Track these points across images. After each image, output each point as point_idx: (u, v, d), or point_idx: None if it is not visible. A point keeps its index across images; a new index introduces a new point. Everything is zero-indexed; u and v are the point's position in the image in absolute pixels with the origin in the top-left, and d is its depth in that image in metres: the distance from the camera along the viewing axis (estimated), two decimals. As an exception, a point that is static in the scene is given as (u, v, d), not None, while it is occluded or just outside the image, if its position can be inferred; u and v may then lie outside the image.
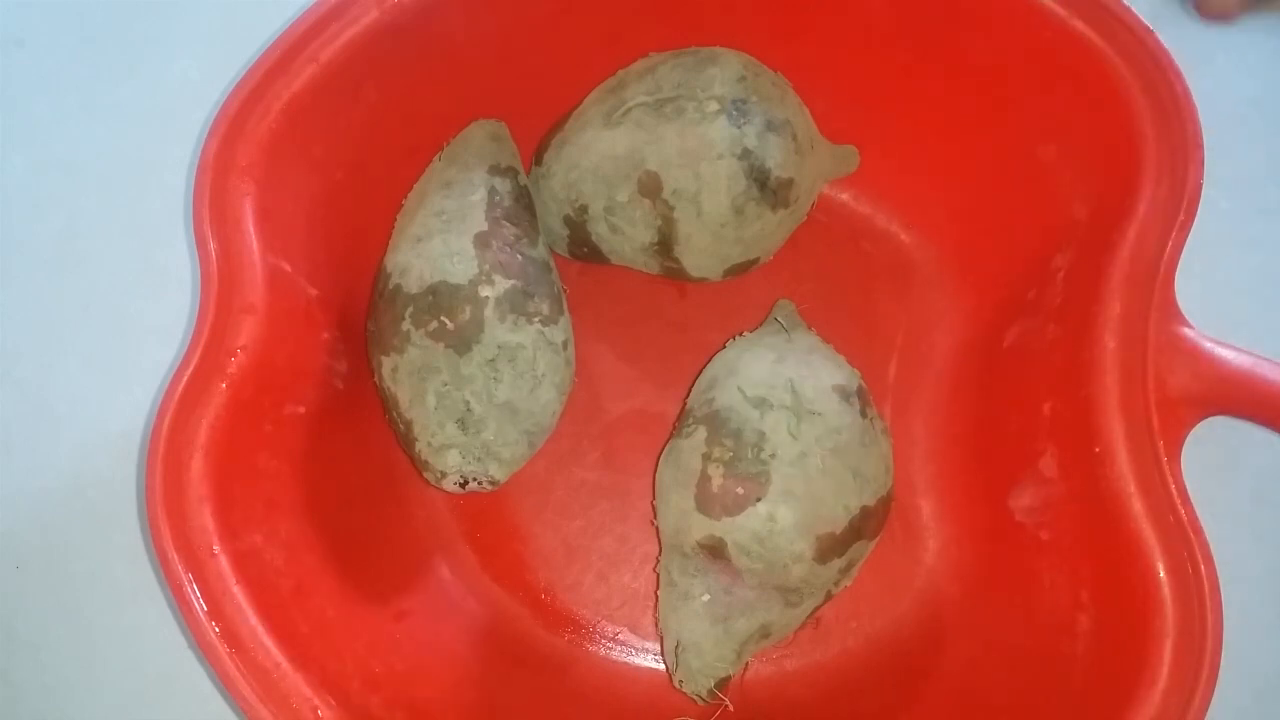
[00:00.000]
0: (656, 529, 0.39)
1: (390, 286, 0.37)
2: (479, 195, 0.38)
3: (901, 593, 0.41)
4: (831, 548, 0.35)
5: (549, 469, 0.42)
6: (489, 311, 0.35)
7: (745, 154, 0.37)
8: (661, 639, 0.38)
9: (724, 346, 0.40)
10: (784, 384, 0.37)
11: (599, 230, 0.40)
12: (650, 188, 0.38)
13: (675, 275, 0.41)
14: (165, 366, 0.43)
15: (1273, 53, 0.47)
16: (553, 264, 0.39)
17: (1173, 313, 0.34)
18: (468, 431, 0.36)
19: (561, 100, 0.41)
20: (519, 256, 0.37)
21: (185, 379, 0.32)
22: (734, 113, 0.37)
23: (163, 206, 0.45)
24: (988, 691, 0.37)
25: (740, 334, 0.41)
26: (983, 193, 0.41)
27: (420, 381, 0.36)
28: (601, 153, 0.39)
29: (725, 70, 0.38)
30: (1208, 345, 0.34)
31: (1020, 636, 0.37)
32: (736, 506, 0.35)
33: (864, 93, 0.41)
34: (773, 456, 0.35)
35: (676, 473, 0.37)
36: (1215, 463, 0.42)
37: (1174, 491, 0.33)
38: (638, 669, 0.41)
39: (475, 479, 0.36)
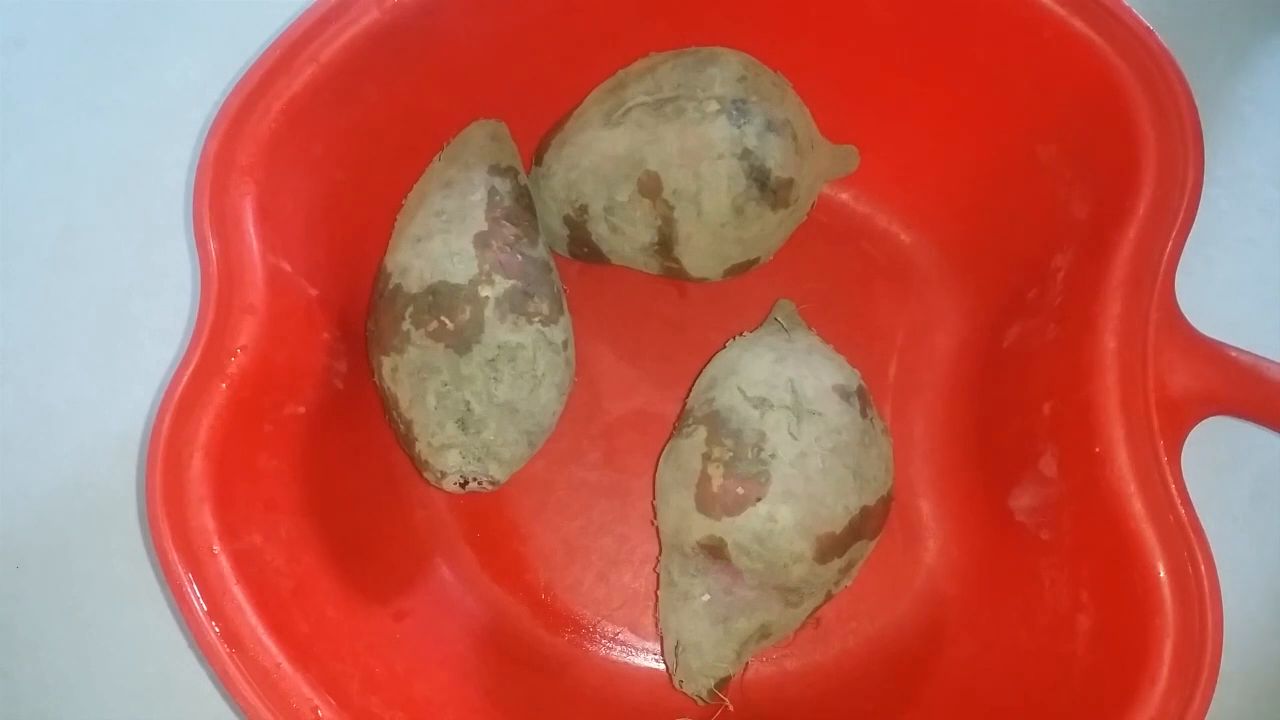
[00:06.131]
0: (656, 529, 0.39)
1: (390, 286, 0.37)
2: (479, 195, 0.38)
3: (901, 593, 0.41)
4: (831, 548, 0.35)
5: (549, 469, 0.42)
6: (489, 311, 0.35)
7: (745, 154, 0.37)
8: (661, 639, 0.38)
9: (724, 346, 0.40)
10: (784, 384, 0.37)
11: (599, 230, 0.40)
12: (650, 188, 0.38)
13: (675, 275, 0.41)
14: (165, 366, 0.43)
15: (1273, 53, 0.47)
16: (553, 264, 0.39)
17: (1173, 313, 0.34)
18: (468, 431, 0.36)
19: (561, 100, 0.41)
20: (519, 256, 0.37)
21: (185, 379, 0.32)
22: (734, 113, 0.37)
23: (163, 206, 0.45)
24: (988, 691, 0.37)
25: (740, 334, 0.41)
26: (983, 193, 0.41)
27: (420, 381, 0.36)
28: (601, 153, 0.39)
29: (725, 70, 0.38)
30: (1208, 345, 0.34)
31: (1020, 636, 0.37)
32: (736, 506, 0.35)
33: (864, 93, 0.41)
34: (773, 456, 0.35)
35: (676, 473, 0.37)
36: (1215, 463, 0.42)
37: (1174, 491, 0.33)
38: (638, 669, 0.41)
39: (475, 479, 0.36)
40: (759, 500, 0.34)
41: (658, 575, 0.39)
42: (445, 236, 0.36)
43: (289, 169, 0.35)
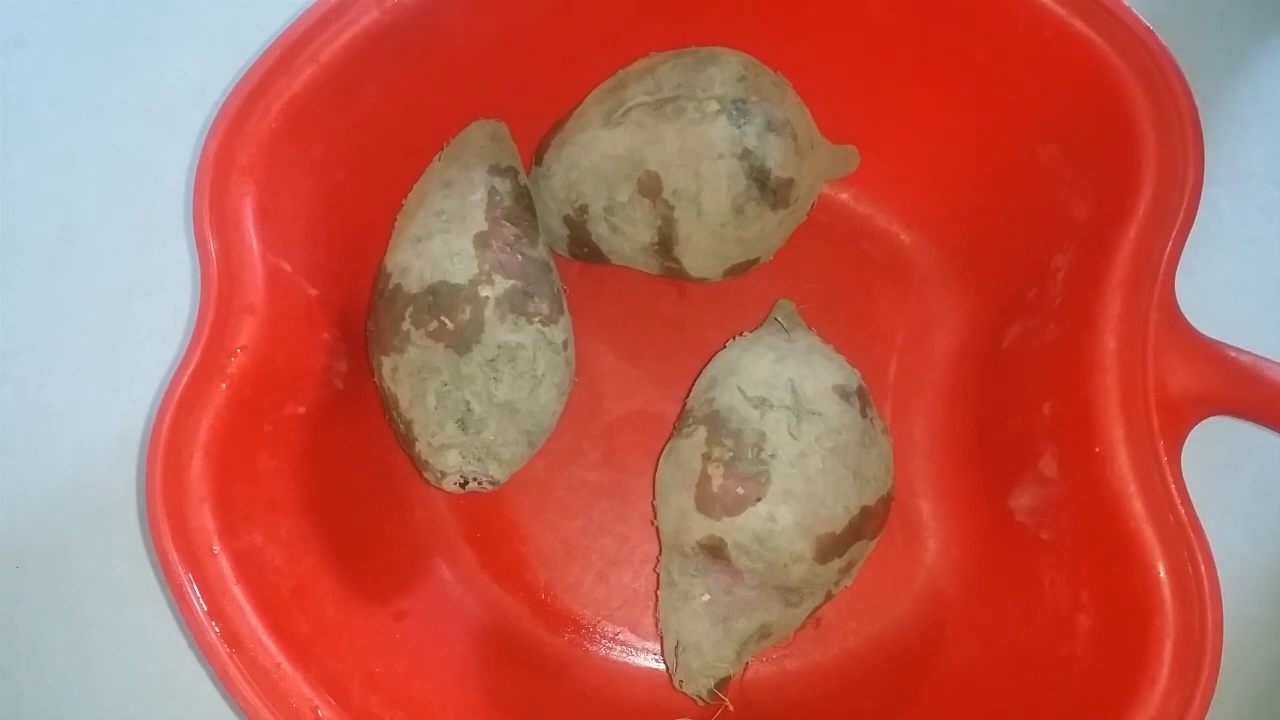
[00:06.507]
0: (656, 529, 0.39)
1: (390, 286, 0.37)
2: (479, 195, 0.38)
3: (901, 593, 0.41)
4: (831, 548, 0.35)
5: (549, 469, 0.42)
6: (489, 311, 0.35)
7: (745, 154, 0.37)
8: (661, 639, 0.38)
9: (724, 346, 0.40)
10: (784, 384, 0.37)
11: (599, 230, 0.40)
12: (650, 188, 0.38)
13: (675, 275, 0.41)
14: (165, 366, 0.43)
15: (1273, 53, 0.47)
16: (553, 264, 0.39)
17: (1173, 313, 0.34)
18: (468, 431, 0.36)
19: (561, 100, 0.41)
20: (519, 256, 0.37)
21: (185, 379, 0.32)
22: (734, 113, 0.37)
23: (163, 206, 0.45)
24: (988, 691, 0.37)
25: (740, 334, 0.41)
26: (982, 193, 0.41)
27: (420, 381, 0.36)
28: (601, 153, 0.39)
29: (725, 70, 0.38)
30: (1208, 345, 0.34)
31: (1020, 636, 0.37)
32: (736, 506, 0.35)
33: (864, 93, 0.41)
34: (773, 456, 0.35)
35: (676, 473, 0.37)
36: (1215, 463, 0.42)
37: (1174, 491, 0.33)
38: (638, 669, 0.41)
39: (475, 479, 0.36)
40: (759, 500, 0.34)
41: (658, 575, 0.39)
42: (445, 236, 0.36)
43: (289, 169, 0.35)
